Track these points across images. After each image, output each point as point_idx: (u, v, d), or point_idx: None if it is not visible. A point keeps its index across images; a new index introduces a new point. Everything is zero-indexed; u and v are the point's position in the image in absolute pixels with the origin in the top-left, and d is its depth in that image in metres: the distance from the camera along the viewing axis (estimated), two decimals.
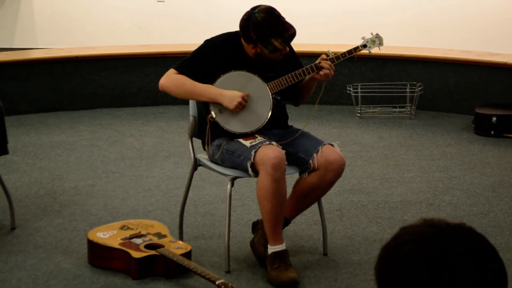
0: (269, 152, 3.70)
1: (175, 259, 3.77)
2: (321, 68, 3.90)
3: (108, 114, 7.24)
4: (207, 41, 3.98)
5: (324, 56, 3.94)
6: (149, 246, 3.92)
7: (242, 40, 3.90)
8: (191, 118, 4.14)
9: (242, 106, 3.86)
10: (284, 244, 3.82)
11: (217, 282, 3.52)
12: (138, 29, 8.85)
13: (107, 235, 4.03)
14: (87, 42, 8.57)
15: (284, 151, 3.75)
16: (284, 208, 3.82)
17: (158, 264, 3.83)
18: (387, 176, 5.47)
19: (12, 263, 4.04)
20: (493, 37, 8.08)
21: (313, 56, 4.96)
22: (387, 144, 6.29)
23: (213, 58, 3.90)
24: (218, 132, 3.92)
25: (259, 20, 3.79)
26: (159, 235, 4.05)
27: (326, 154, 3.85)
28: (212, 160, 4.01)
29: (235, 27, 3.96)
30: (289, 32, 3.82)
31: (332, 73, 3.92)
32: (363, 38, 4.12)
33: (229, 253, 3.93)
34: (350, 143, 6.29)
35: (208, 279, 3.59)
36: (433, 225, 1.39)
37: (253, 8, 3.86)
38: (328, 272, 3.96)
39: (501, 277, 1.35)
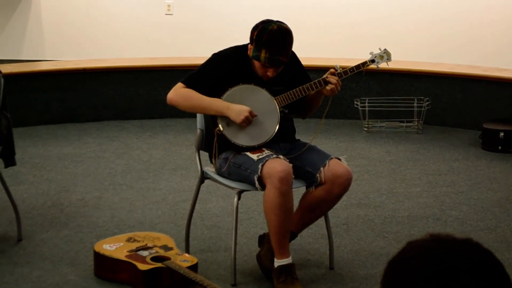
0: (276, 166, 3.70)
1: (181, 271, 3.77)
2: (328, 82, 3.91)
3: (115, 127, 7.25)
4: (214, 55, 3.99)
5: (332, 71, 3.94)
6: (155, 259, 3.92)
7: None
8: (198, 131, 4.15)
9: (249, 121, 3.86)
10: (290, 257, 3.82)
11: None
12: (146, 41, 8.88)
13: (114, 247, 4.03)
14: (95, 54, 8.60)
15: (291, 165, 3.75)
16: (291, 222, 3.82)
17: (164, 276, 3.83)
18: (394, 190, 5.47)
19: (18, 274, 4.04)
20: (501, 52, 8.08)
21: (321, 70, 4.97)
22: (394, 159, 6.29)
23: (220, 71, 3.91)
24: (225, 145, 3.93)
25: (269, 29, 3.80)
26: (166, 248, 4.05)
27: (333, 168, 3.85)
28: (219, 173, 4.01)
29: (243, 41, 3.97)
30: (279, 56, 3.81)
31: (339, 88, 3.92)
32: (371, 53, 4.12)
33: (235, 266, 3.93)
34: (357, 157, 6.29)
35: None
36: (439, 240, 1.39)
37: (277, 20, 3.87)
38: (334, 286, 3.96)
39: None
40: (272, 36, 3.79)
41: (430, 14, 8.34)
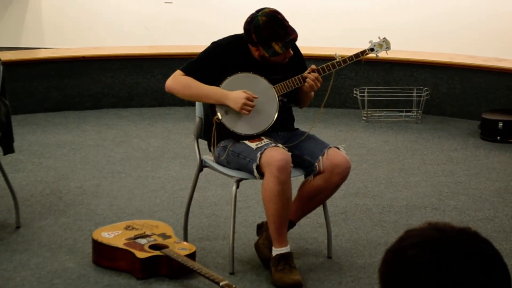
0: (275, 154, 3.70)
1: (179, 259, 3.77)
2: (306, 79, 3.90)
3: (114, 115, 7.25)
4: (214, 43, 3.99)
5: (313, 67, 3.93)
6: (153, 247, 3.92)
7: None
8: (197, 119, 4.15)
9: (249, 106, 3.85)
10: (288, 246, 3.82)
11: (221, 283, 3.52)
12: (145, 30, 8.86)
13: (112, 235, 4.04)
14: (94, 42, 8.59)
15: (290, 154, 3.75)
16: (289, 211, 3.82)
17: (162, 264, 3.84)
18: (393, 180, 5.47)
19: (17, 261, 4.05)
20: (500, 42, 8.07)
21: (321, 59, 4.97)
22: (393, 148, 6.29)
23: (219, 60, 3.91)
24: (224, 133, 3.93)
25: (261, 23, 3.80)
26: (164, 236, 4.05)
27: (331, 157, 3.85)
28: (217, 161, 4.02)
29: (242, 30, 3.97)
30: (290, 36, 3.81)
31: (319, 84, 3.91)
32: (370, 41, 4.12)
33: (233, 255, 3.93)
34: (356, 147, 6.29)
35: (212, 280, 3.59)
36: (438, 229, 1.39)
37: (258, 11, 3.87)
38: (332, 275, 3.96)
39: (505, 282, 1.35)
40: (270, 26, 3.79)
41: (430, 3, 8.32)
